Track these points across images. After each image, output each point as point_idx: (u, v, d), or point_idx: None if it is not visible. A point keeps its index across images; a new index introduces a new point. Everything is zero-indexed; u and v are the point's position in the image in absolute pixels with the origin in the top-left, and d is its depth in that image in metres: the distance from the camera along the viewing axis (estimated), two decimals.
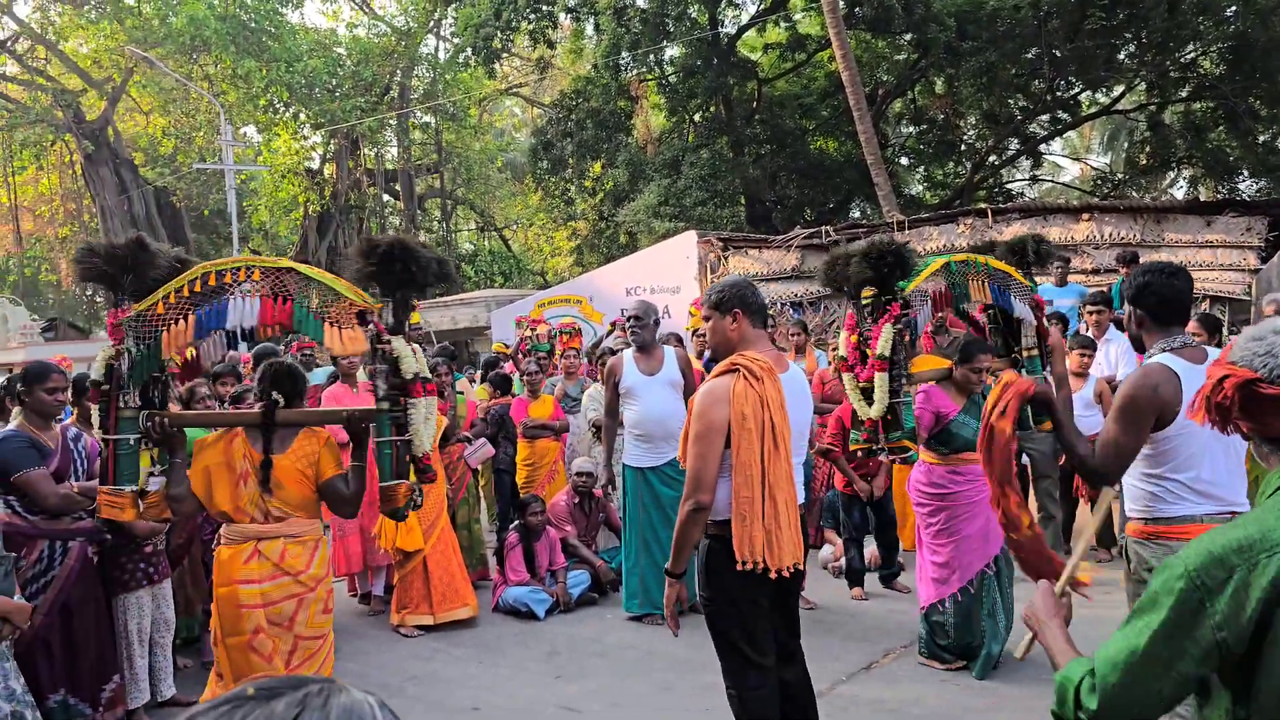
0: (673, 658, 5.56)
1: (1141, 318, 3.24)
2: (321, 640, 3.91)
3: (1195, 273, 11.50)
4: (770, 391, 3.29)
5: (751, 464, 3.24)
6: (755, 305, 3.49)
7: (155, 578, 5.06)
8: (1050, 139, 24.93)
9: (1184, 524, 3.18)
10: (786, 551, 3.29)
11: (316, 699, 0.91)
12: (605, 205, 22.60)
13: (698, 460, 3.27)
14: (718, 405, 3.27)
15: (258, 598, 3.75)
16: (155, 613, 5.09)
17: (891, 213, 15.29)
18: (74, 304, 38.90)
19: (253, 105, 25.94)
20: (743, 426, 3.24)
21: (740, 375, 3.30)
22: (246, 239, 27.13)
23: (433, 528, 6.23)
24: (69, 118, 25.53)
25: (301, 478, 3.86)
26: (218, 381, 6.51)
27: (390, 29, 27.98)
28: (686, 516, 3.28)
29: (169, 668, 5.15)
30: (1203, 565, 1.57)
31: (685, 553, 3.37)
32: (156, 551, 5.08)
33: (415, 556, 6.19)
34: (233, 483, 3.81)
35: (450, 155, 29.44)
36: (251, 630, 3.74)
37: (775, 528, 3.27)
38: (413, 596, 6.23)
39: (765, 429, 3.27)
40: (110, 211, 25.99)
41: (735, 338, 3.47)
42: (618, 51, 19.97)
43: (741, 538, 3.25)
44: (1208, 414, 1.81)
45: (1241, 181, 21.69)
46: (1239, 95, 19.07)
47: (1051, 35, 18.53)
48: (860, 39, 21.15)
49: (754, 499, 3.25)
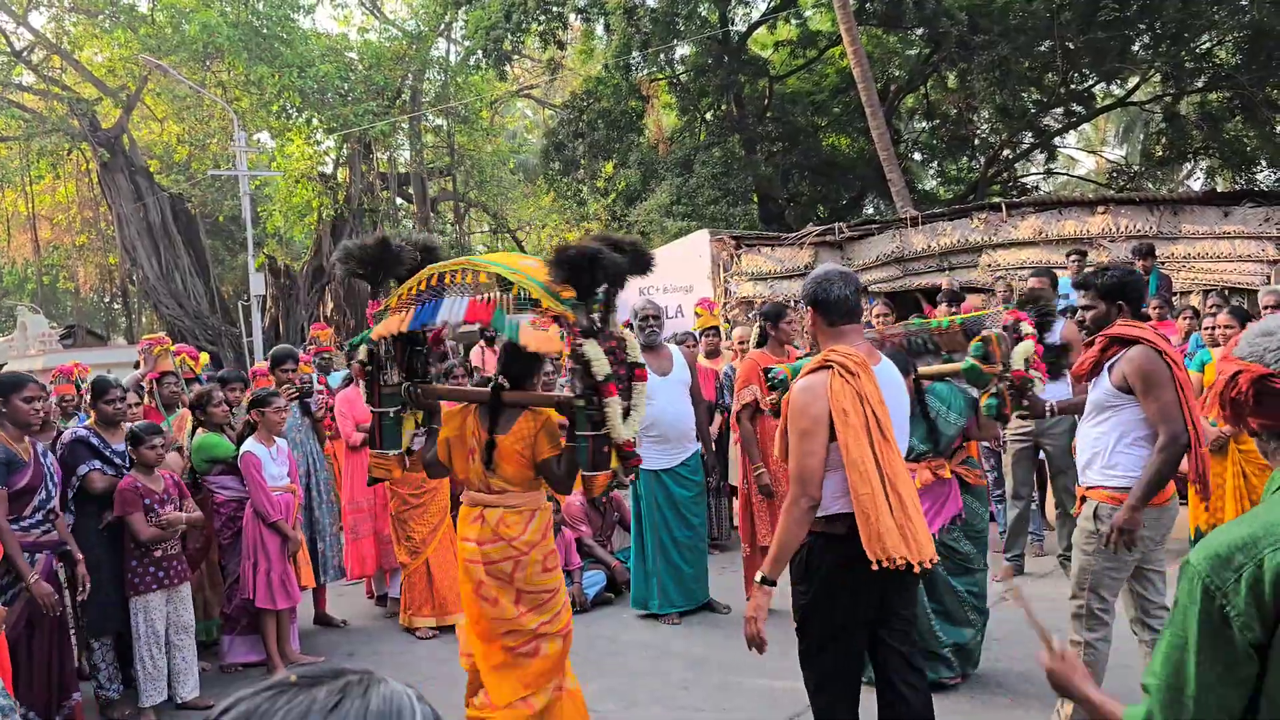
0: (690, 657, 5.55)
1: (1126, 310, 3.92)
2: (550, 594, 4.06)
3: (1213, 264, 11.44)
4: (867, 386, 3.22)
5: (864, 459, 3.15)
6: (831, 300, 3.36)
7: (168, 582, 5.09)
8: (1065, 132, 24.76)
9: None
10: (925, 545, 3.19)
11: (357, 688, 0.91)
12: (618, 205, 22.60)
13: (806, 457, 3.18)
14: (816, 401, 3.19)
15: (478, 555, 4.01)
16: (172, 615, 5.11)
17: (905, 208, 15.22)
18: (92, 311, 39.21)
19: (266, 111, 26.04)
20: (846, 422, 3.16)
21: (835, 371, 3.22)
22: (261, 244, 27.22)
23: (434, 532, 6.23)
24: (85, 127, 25.69)
25: (519, 457, 4.01)
26: (227, 387, 6.54)
27: (401, 33, 28.04)
28: (799, 516, 3.17)
29: (189, 670, 5.17)
30: (1211, 568, 1.56)
31: (787, 556, 3.25)
32: (169, 556, 5.11)
33: (419, 558, 6.20)
34: (464, 455, 4.12)
35: (462, 158, 29.49)
36: (475, 582, 4.01)
37: (906, 520, 3.17)
38: (415, 598, 6.27)
39: (871, 423, 3.19)
40: (126, 219, 26.14)
41: (814, 333, 3.47)
42: (628, 51, 19.96)
43: (870, 536, 3.12)
44: (1221, 410, 1.79)
45: (1259, 171, 21.51)
46: (1255, 85, 18.89)
47: (1064, 28, 18.41)
48: (871, 34, 21.08)
49: (874, 494, 3.14)
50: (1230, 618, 1.53)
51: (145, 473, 5.12)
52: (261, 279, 24.55)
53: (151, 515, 5.02)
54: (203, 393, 6.15)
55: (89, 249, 31.95)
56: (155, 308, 27.53)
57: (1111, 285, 3.99)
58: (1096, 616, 3.97)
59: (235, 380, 6.84)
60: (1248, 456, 5.87)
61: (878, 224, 14.33)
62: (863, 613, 3.31)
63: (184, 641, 5.16)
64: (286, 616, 5.82)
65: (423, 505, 6.23)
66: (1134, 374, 3.83)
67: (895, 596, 3.33)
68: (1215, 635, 1.54)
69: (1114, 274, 4.03)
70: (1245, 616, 1.52)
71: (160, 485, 5.14)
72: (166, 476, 5.22)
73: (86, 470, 5.13)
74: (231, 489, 5.82)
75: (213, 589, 6.26)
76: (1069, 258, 10.17)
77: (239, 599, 5.72)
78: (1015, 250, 12.67)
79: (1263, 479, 5.68)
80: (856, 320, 3.44)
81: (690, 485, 6.23)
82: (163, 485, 5.16)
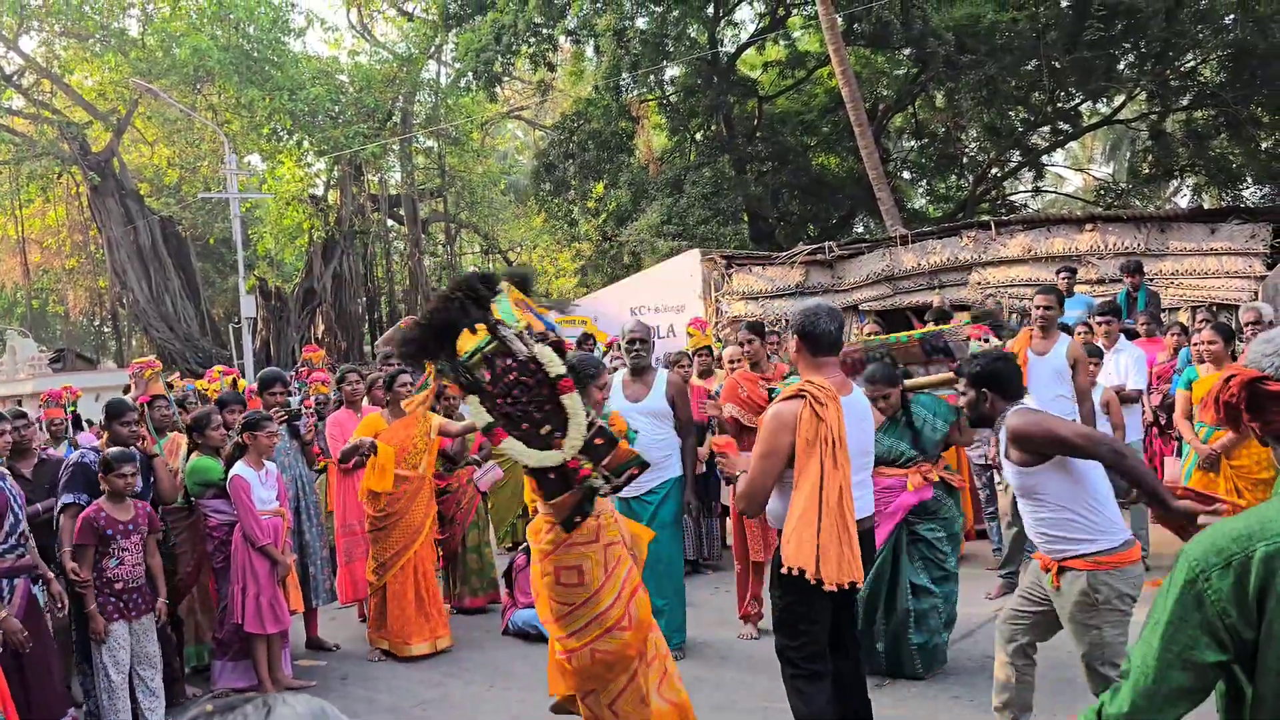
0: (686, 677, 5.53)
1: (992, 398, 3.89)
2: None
3: (1201, 280, 11.51)
4: (832, 416, 3.60)
5: (811, 485, 3.54)
6: (816, 333, 3.77)
7: (129, 613, 5.01)
8: (1052, 150, 24.94)
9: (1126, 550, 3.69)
10: (843, 568, 3.54)
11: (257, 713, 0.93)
12: (608, 225, 22.65)
13: (761, 477, 3.62)
14: (784, 431, 3.60)
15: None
16: (135, 646, 5.05)
17: (895, 227, 15.29)
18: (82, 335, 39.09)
19: (256, 134, 26.08)
20: (807, 451, 3.56)
21: (806, 401, 3.60)
22: (252, 266, 27.20)
23: (396, 557, 6.19)
24: (75, 150, 25.69)
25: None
26: (225, 409, 6.52)
27: (392, 55, 28.15)
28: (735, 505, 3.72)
29: (154, 704, 5.09)
30: (1203, 554, 1.63)
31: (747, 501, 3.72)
32: (129, 589, 5.01)
33: (379, 580, 6.23)
34: None
35: (453, 179, 29.55)
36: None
37: (830, 543, 3.52)
38: (375, 618, 6.33)
39: (826, 450, 3.57)
40: (117, 243, 26.11)
41: (797, 362, 3.86)
42: (618, 73, 20.06)
43: (793, 551, 3.54)
44: (1217, 413, 1.85)
45: (1245, 188, 21.65)
46: (1240, 102, 19.06)
47: (1050, 47, 18.56)
48: (859, 55, 21.22)
49: (811, 517, 3.53)
50: (1208, 600, 1.59)
51: (115, 501, 5.02)
52: (252, 301, 24.52)
53: (115, 545, 4.95)
54: (201, 415, 6.13)
55: (79, 272, 31.89)
56: (145, 331, 27.48)
57: (980, 376, 3.92)
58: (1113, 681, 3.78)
59: (234, 403, 6.81)
60: (1239, 472, 5.89)
61: (868, 243, 14.39)
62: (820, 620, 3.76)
63: (148, 673, 5.08)
64: (277, 641, 5.78)
65: (385, 529, 6.22)
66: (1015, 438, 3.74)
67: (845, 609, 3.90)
68: (1187, 615, 1.61)
69: (979, 364, 3.97)
70: (1224, 601, 1.57)
71: (129, 514, 5.04)
72: (139, 507, 5.12)
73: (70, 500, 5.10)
74: (224, 513, 5.78)
75: (205, 613, 6.22)
76: (1058, 275, 10.21)
77: (230, 623, 5.68)
78: (1005, 268, 12.73)
79: (1255, 495, 5.70)
80: (836, 354, 3.87)
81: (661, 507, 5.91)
82: (131, 514, 5.05)
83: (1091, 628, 3.71)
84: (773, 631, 3.87)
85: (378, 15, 30.99)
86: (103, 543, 4.95)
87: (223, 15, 24.98)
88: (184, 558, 6.05)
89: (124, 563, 4.99)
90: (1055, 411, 5.94)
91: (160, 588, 5.22)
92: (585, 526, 3.98)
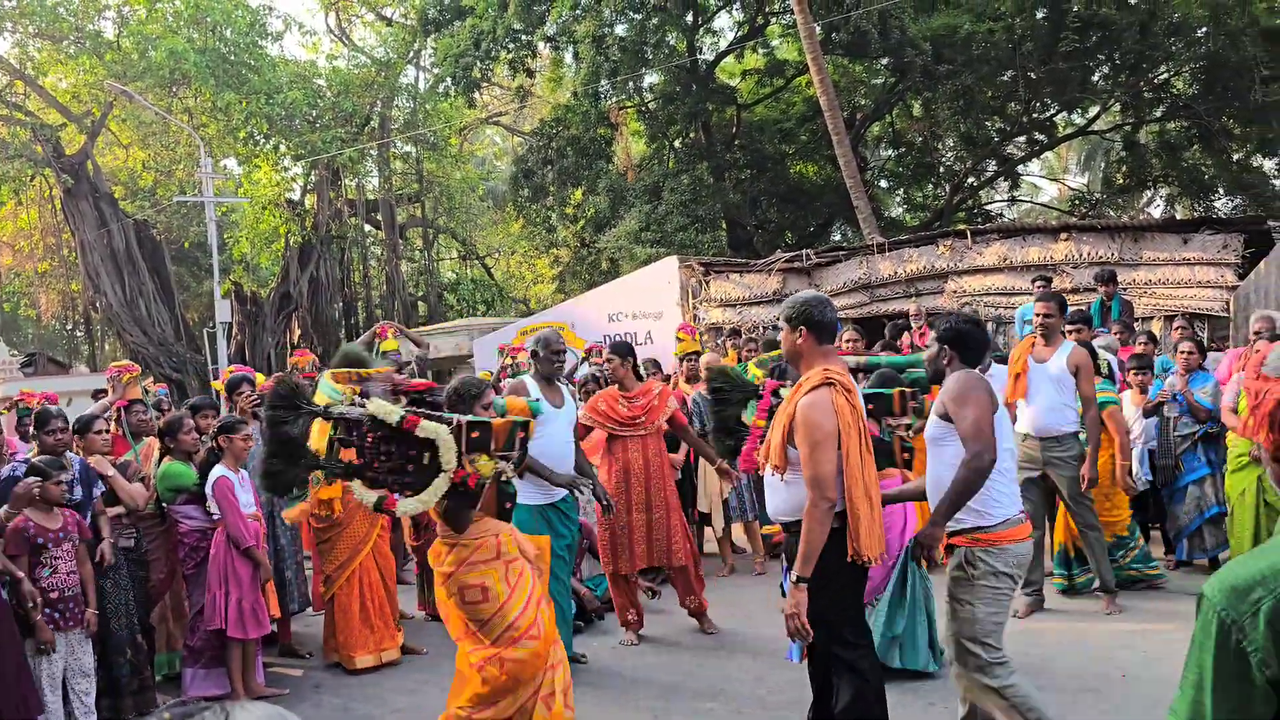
0: (660, 685, 5.52)
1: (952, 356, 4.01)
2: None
3: (1174, 290, 11.62)
4: (857, 402, 3.72)
5: (857, 467, 3.64)
6: (821, 322, 3.81)
7: (64, 623, 4.90)
8: (1027, 160, 25.14)
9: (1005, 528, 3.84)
10: (880, 546, 3.74)
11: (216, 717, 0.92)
12: (586, 232, 22.63)
13: (822, 465, 3.61)
14: (828, 416, 3.63)
15: None
16: (70, 659, 4.94)
17: (872, 235, 15.37)
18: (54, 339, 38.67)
19: (233, 138, 25.89)
20: (848, 434, 3.63)
21: (836, 389, 3.66)
22: (228, 271, 26.96)
23: (340, 570, 6.16)
24: (48, 152, 25.39)
25: None
26: (198, 414, 6.46)
27: (370, 60, 28.04)
28: (821, 516, 3.61)
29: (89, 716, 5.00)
30: (1227, 601, 1.51)
31: (816, 554, 3.63)
32: (64, 598, 4.90)
33: (328, 591, 6.21)
34: None
35: (431, 184, 29.45)
36: None
37: (872, 524, 3.68)
38: (326, 631, 6.31)
39: (862, 436, 3.68)
40: (90, 246, 25.83)
41: (801, 351, 3.83)
42: (597, 79, 20.06)
43: (858, 535, 3.63)
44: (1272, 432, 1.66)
45: (1217, 199, 21.91)
46: (1212, 115, 19.30)
47: (1026, 58, 18.72)
48: (837, 64, 21.32)
49: (860, 499, 3.64)
50: (1248, 653, 1.47)
51: (44, 509, 4.90)
52: (227, 306, 24.32)
53: (47, 554, 4.86)
54: (172, 420, 6.07)
55: (51, 276, 31.50)
56: (119, 335, 27.20)
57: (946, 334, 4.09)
58: (998, 664, 3.82)
59: (207, 407, 6.74)
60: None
61: (845, 250, 14.44)
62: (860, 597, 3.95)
63: (82, 686, 4.98)
64: (252, 648, 5.73)
65: (330, 541, 6.19)
66: (949, 396, 3.90)
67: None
68: (1231, 672, 1.49)
69: (950, 322, 4.15)
70: (1263, 652, 1.46)
71: (58, 523, 4.93)
72: (68, 515, 5.01)
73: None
74: (196, 519, 5.73)
75: (176, 621, 6.16)
76: (1034, 284, 10.31)
77: (203, 631, 5.62)
78: (981, 276, 12.80)
79: None
80: (835, 341, 3.94)
81: (566, 532, 5.90)
82: (61, 523, 4.94)
83: (965, 602, 3.84)
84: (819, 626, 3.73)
85: (356, 20, 30.89)
86: (34, 552, 4.84)
87: (199, 18, 24.79)
88: (157, 565, 5.98)
89: (57, 571, 4.88)
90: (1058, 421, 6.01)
91: (90, 597, 5.07)
92: (484, 545, 4.13)
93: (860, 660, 3.79)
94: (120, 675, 5.36)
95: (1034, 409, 6.14)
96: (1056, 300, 6.39)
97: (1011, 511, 3.87)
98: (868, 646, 3.88)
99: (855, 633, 3.84)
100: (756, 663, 5.72)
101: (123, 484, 5.69)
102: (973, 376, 3.94)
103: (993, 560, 3.79)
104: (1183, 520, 7.18)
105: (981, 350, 4.11)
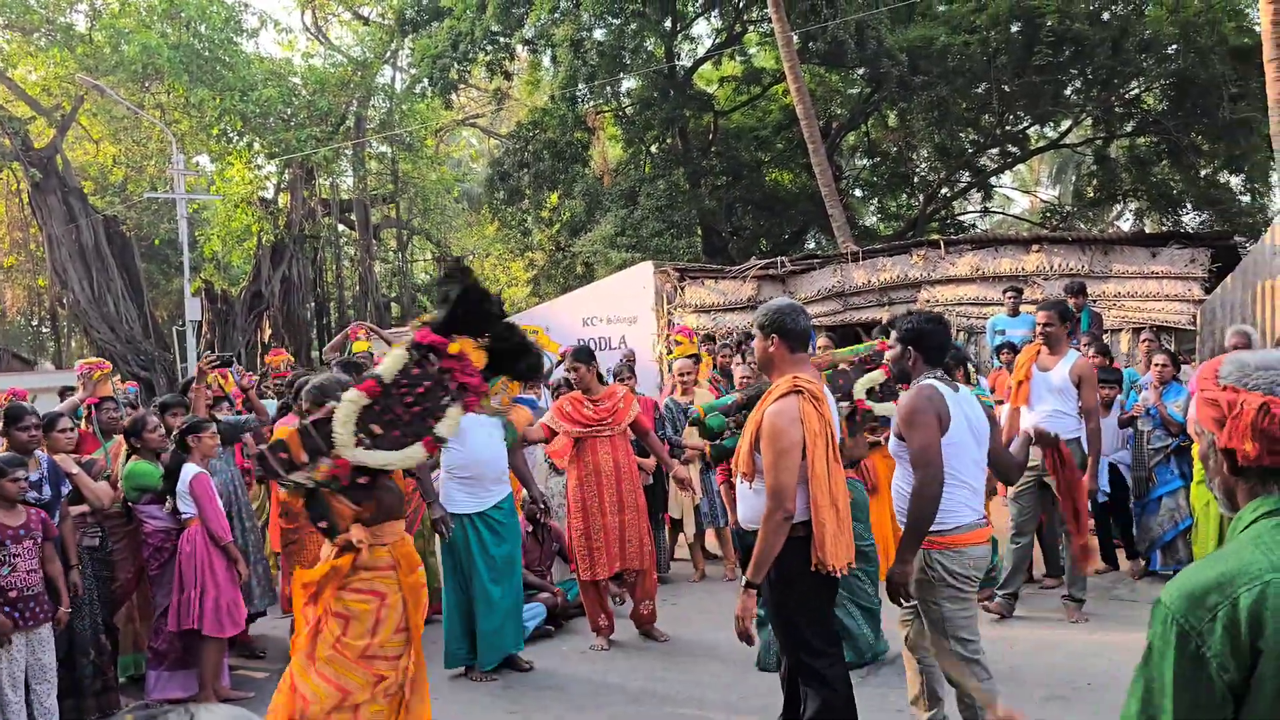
0: (630, 691, 5.51)
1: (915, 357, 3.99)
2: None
3: (1142, 303, 11.76)
4: (826, 410, 3.72)
5: (823, 476, 3.63)
6: (793, 330, 3.82)
7: (24, 623, 4.81)
8: (1000, 172, 25.38)
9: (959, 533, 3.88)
10: (847, 555, 3.75)
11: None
12: (562, 236, 22.60)
13: (783, 474, 3.60)
14: (794, 424, 3.63)
15: None
16: (31, 659, 4.86)
17: (846, 244, 15.44)
18: (18, 335, 38.12)
19: (206, 134, 25.66)
20: (815, 443, 3.62)
21: (805, 397, 3.66)
22: (198, 269, 26.70)
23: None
24: (16, 146, 25.05)
25: None
26: (167, 412, 6.40)
27: (346, 59, 27.89)
28: (776, 526, 3.60)
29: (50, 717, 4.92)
30: (1183, 607, 1.54)
31: (768, 563, 3.64)
32: (25, 597, 4.81)
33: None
34: None
35: (406, 185, 29.31)
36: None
37: (838, 533, 3.68)
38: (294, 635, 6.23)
39: (829, 444, 3.68)
40: (58, 241, 25.50)
41: (773, 359, 3.84)
42: (574, 83, 20.05)
43: (823, 544, 3.63)
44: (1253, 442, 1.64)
45: (1185, 214, 22.18)
46: (1181, 130, 19.56)
47: (1000, 71, 18.90)
48: (814, 73, 21.43)
49: (826, 509, 3.63)
50: (1207, 658, 1.50)
51: (3, 506, 4.82)
52: (197, 304, 24.09)
53: (5, 551, 4.76)
54: (137, 419, 5.99)
55: (17, 271, 31.07)
56: (86, 332, 26.85)
57: (908, 334, 4.03)
58: (973, 660, 3.91)
59: (176, 406, 6.67)
60: None
61: (819, 259, 14.50)
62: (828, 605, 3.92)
63: (42, 688, 4.90)
64: (223, 648, 5.67)
65: (298, 542, 6.15)
66: (901, 416, 3.93)
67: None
68: (1191, 677, 1.52)
69: (910, 322, 4.08)
70: (1221, 657, 1.49)
71: (19, 520, 4.84)
72: (31, 513, 4.93)
73: None
74: (160, 519, 5.66)
75: (142, 621, 6.08)
76: (1005, 294, 10.40)
77: (167, 632, 5.54)
78: (953, 286, 12.90)
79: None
80: (808, 350, 3.94)
81: (509, 534, 5.93)
82: (23, 519, 4.86)
83: (931, 603, 3.94)
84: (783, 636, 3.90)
85: (333, 18, 30.74)
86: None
87: (173, 13, 24.55)
88: (123, 565, 5.90)
89: (16, 569, 4.78)
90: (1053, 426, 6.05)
91: (62, 596, 5.00)
92: (379, 553, 4.09)
93: (828, 669, 3.78)
94: (83, 675, 5.30)
95: (1035, 416, 6.19)
96: (1058, 309, 6.31)
97: (968, 518, 3.92)
98: (835, 655, 3.86)
99: (822, 640, 3.82)
100: (727, 669, 5.71)
101: (87, 482, 5.61)
102: (921, 396, 3.87)
103: (949, 562, 3.86)
104: (1155, 531, 7.32)
105: (943, 349, 4.07)
